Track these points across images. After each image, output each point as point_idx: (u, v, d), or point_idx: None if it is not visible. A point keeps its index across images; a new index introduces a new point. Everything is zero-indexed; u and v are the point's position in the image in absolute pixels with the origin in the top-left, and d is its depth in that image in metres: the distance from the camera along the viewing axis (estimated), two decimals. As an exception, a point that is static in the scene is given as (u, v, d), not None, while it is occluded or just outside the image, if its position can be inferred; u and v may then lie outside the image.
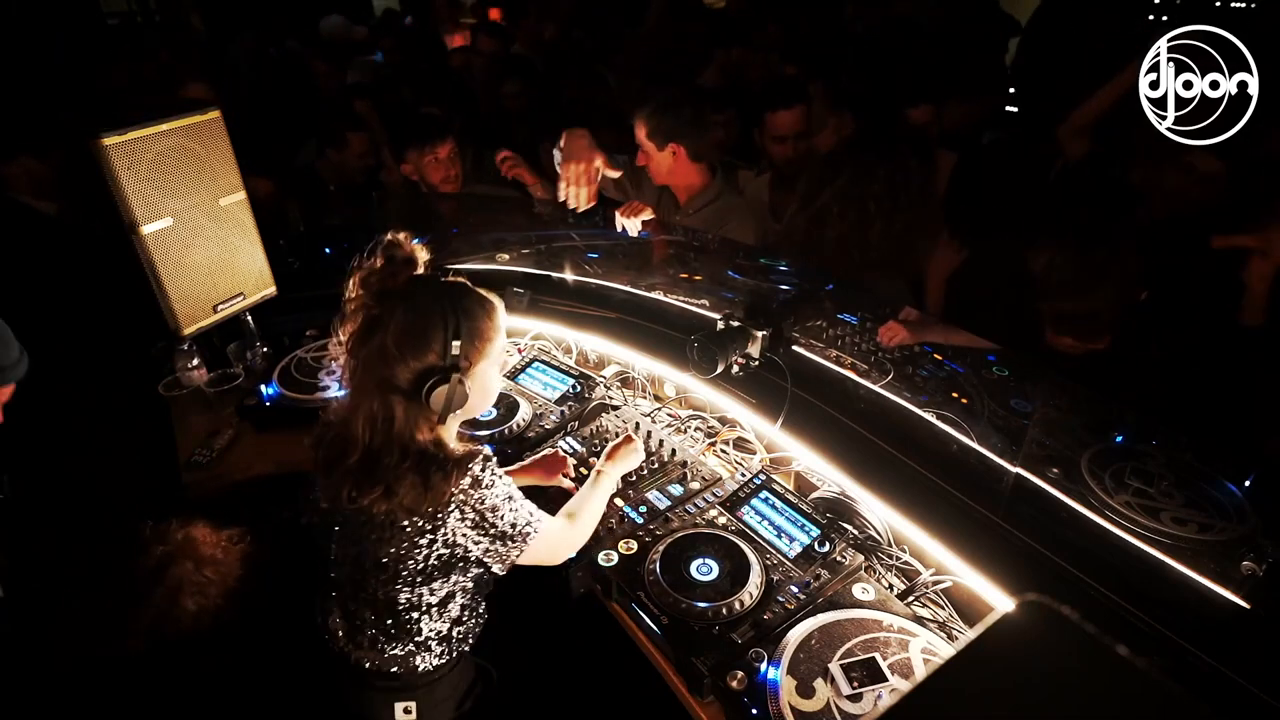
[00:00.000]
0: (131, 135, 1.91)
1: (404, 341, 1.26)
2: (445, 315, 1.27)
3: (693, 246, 2.64)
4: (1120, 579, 1.28)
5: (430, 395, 1.26)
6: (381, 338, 1.26)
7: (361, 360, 1.29)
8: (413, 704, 1.43)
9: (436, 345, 1.27)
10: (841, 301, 2.19)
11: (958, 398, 1.77)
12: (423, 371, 1.27)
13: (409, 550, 1.30)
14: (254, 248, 2.31)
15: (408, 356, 1.26)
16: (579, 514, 1.56)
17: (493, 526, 1.33)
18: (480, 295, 1.36)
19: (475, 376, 1.33)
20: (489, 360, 1.35)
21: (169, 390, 2.26)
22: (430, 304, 1.28)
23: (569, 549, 1.53)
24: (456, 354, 1.27)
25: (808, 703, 1.25)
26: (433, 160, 2.99)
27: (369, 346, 1.27)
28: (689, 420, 2.08)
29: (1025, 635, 0.45)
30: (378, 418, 1.28)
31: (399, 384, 1.27)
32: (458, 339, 1.27)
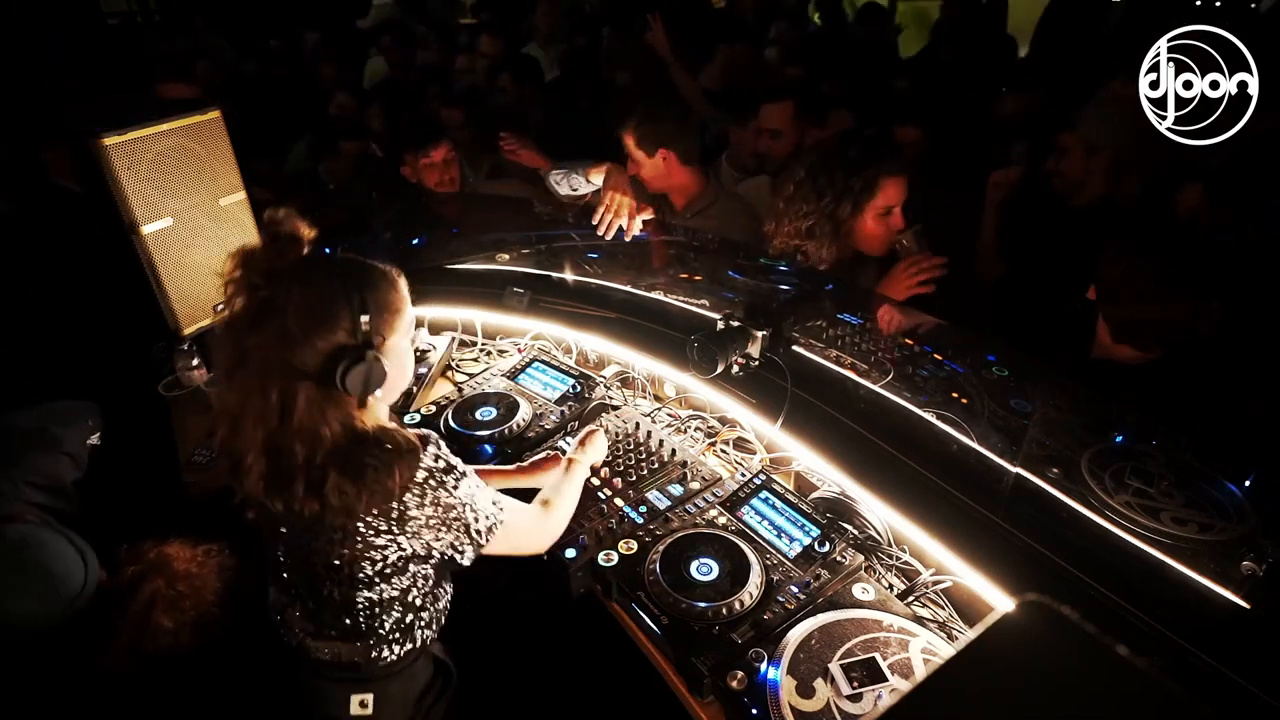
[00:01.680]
0: (131, 135, 1.91)
1: (307, 322, 1.14)
2: (349, 289, 1.17)
3: (693, 246, 2.65)
4: (1120, 579, 1.28)
5: (346, 377, 1.15)
6: (280, 320, 1.14)
7: (253, 347, 1.16)
8: (369, 696, 1.38)
9: (345, 322, 1.16)
10: (841, 301, 2.19)
11: (958, 398, 1.77)
12: (331, 353, 1.16)
13: (364, 551, 1.23)
14: (254, 248, 2.30)
15: (313, 337, 1.15)
16: (554, 502, 1.54)
17: (457, 520, 1.27)
18: (378, 266, 1.25)
19: (389, 351, 1.24)
20: (400, 333, 1.27)
21: (169, 390, 2.25)
22: (329, 279, 1.18)
23: (547, 537, 1.51)
24: (368, 329, 1.18)
25: (808, 703, 1.25)
26: (428, 164, 3.00)
27: (263, 332, 1.15)
28: (689, 420, 2.08)
29: (1025, 635, 0.46)
30: (274, 410, 1.16)
31: (304, 368, 1.15)
32: (365, 313, 1.17)
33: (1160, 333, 1.78)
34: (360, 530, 1.22)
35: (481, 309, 2.52)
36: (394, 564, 1.28)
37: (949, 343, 2.00)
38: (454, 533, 1.29)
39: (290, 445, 1.17)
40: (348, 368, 1.15)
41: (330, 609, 1.33)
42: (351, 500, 1.18)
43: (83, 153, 1.87)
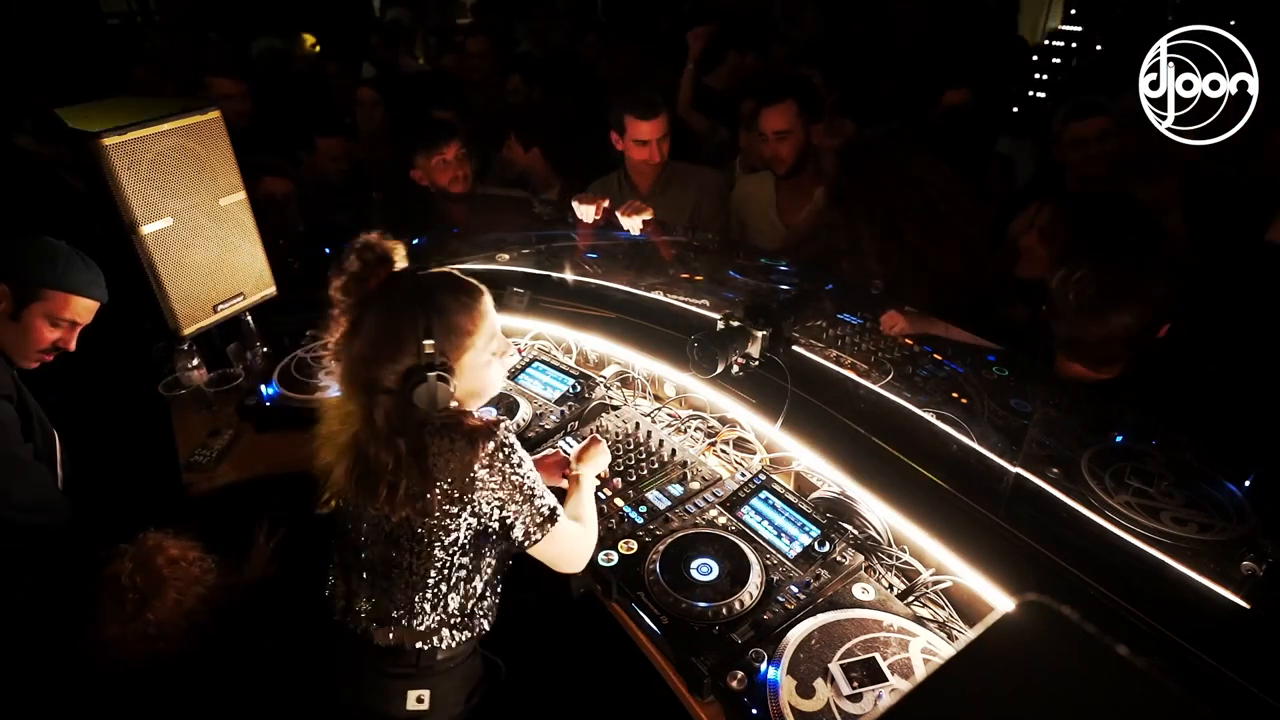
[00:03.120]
0: (131, 135, 1.91)
1: (378, 346, 1.28)
2: (416, 316, 1.28)
3: (693, 246, 2.65)
4: (1120, 579, 1.28)
5: (413, 395, 1.27)
6: (359, 344, 1.30)
7: (345, 364, 1.33)
8: (426, 692, 1.44)
9: (410, 346, 1.27)
10: (841, 301, 2.19)
11: (958, 398, 1.77)
12: (404, 373, 1.28)
13: (439, 523, 1.32)
14: (254, 248, 2.30)
15: (385, 360, 1.28)
16: (582, 518, 1.57)
17: (521, 497, 1.35)
18: (459, 288, 1.35)
19: (463, 369, 1.33)
20: (475, 351, 1.35)
21: (169, 390, 2.25)
22: (401, 304, 1.30)
23: (586, 551, 1.53)
24: (431, 353, 1.28)
25: (808, 703, 1.25)
26: (440, 162, 2.99)
27: (350, 352, 1.31)
28: (689, 420, 2.08)
29: (1025, 635, 0.45)
30: (360, 418, 1.31)
31: (384, 385, 1.29)
32: (429, 338, 1.27)
33: (1103, 350, 1.69)
34: (437, 503, 1.31)
35: (481, 309, 2.51)
36: (463, 543, 1.36)
37: (949, 343, 2.00)
38: (517, 507, 1.35)
39: (375, 451, 1.30)
40: (412, 386, 1.26)
41: (400, 590, 1.39)
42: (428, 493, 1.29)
43: (83, 152, 1.88)
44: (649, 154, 2.81)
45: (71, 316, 1.77)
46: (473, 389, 1.39)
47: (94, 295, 1.79)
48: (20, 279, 1.70)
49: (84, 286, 1.76)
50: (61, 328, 1.76)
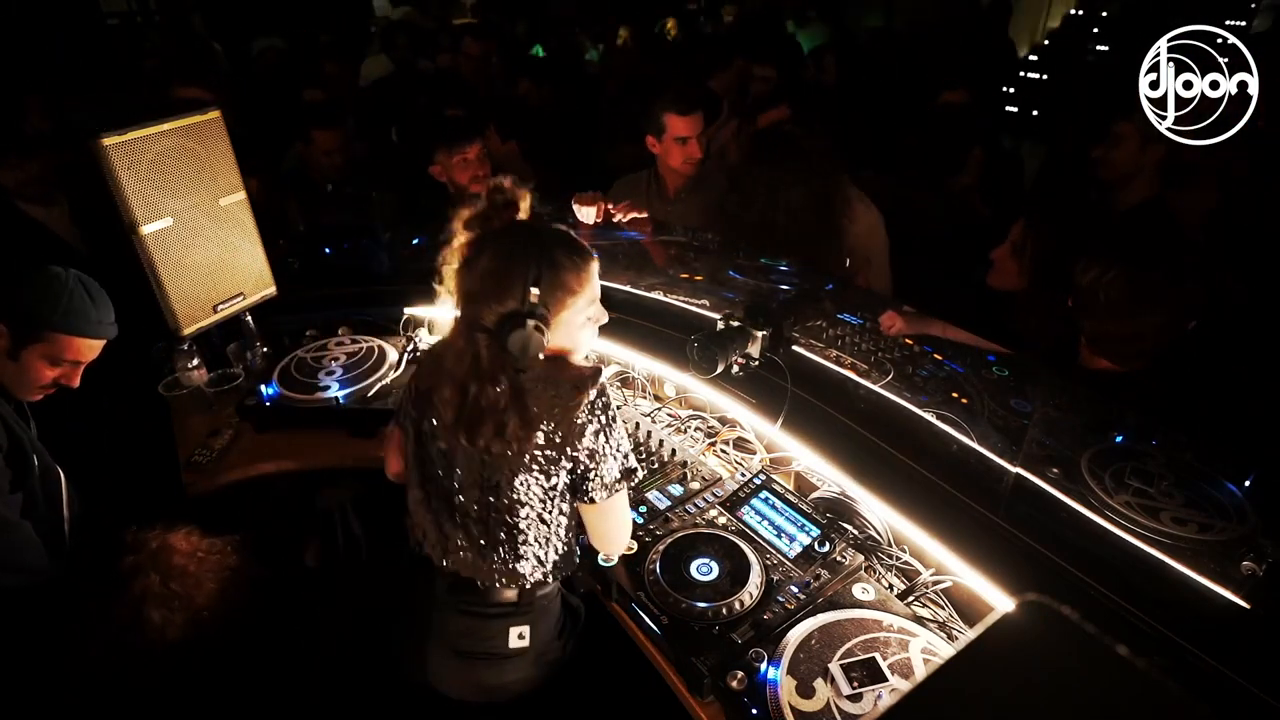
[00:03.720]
0: (131, 135, 1.91)
1: (487, 285, 1.29)
2: (529, 262, 1.29)
3: (693, 246, 2.65)
4: (1120, 579, 1.28)
5: (508, 339, 1.27)
6: (471, 279, 1.31)
7: (457, 298, 1.35)
8: (526, 628, 1.47)
9: (516, 291, 1.28)
10: (841, 301, 2.19)
11: (958, 398, 1.77)
12: (505, 316, 1.28)
13: (539, 467, 1.35)
14: (254, 248, 2.31)
15: (490, 300, 1.29)
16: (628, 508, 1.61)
17: (612, 450, 1.37)
18: (573, 247, 1.36)
19: (559, 325, 1.35)
20: (573, 311, 1.36)
21: (169, 390, 2.25)
22: (516, 250, 1.31)
23: (626, 536, 1.54)
24: (535, 302, 1.28)
25: (808, 703, 1.25)
26: (461, 161, 2.97)
27: (462, 287, 1.33)
28: (689, 420, 2.08)
29: (1025, 635, 0.45)
30: (466, 354, 1.33)
31: (485, 324, 1.30)
32: (537, 287, 1.28)
33: (1132, 346, 1.72)
34: (539, 447, 1.33)
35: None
36: (562, 489, 1.39)
37: (949, 343, 2.00)
38: (604, 460, 1.37)
39: (479, 388, 1.32)
40: (509, 330, 1.27)
41: (502, 535, 1.41)
42: (534, 426, 1.31)
43: (67, 163, 1.87)
44: (690, 152, 2.71)
45: (74, 357, 1.68)
46: (564, 346, 1.40)
47: (99, 335, 1.69)
48: (19, 319, 1.60)
49: (88, 328, 1.66)
50: (63, 367, 1.68)
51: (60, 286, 1.63)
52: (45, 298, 1.61)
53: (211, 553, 1.54)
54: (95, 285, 1.70)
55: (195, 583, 1.47)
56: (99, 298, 1.69)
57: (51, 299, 1.61)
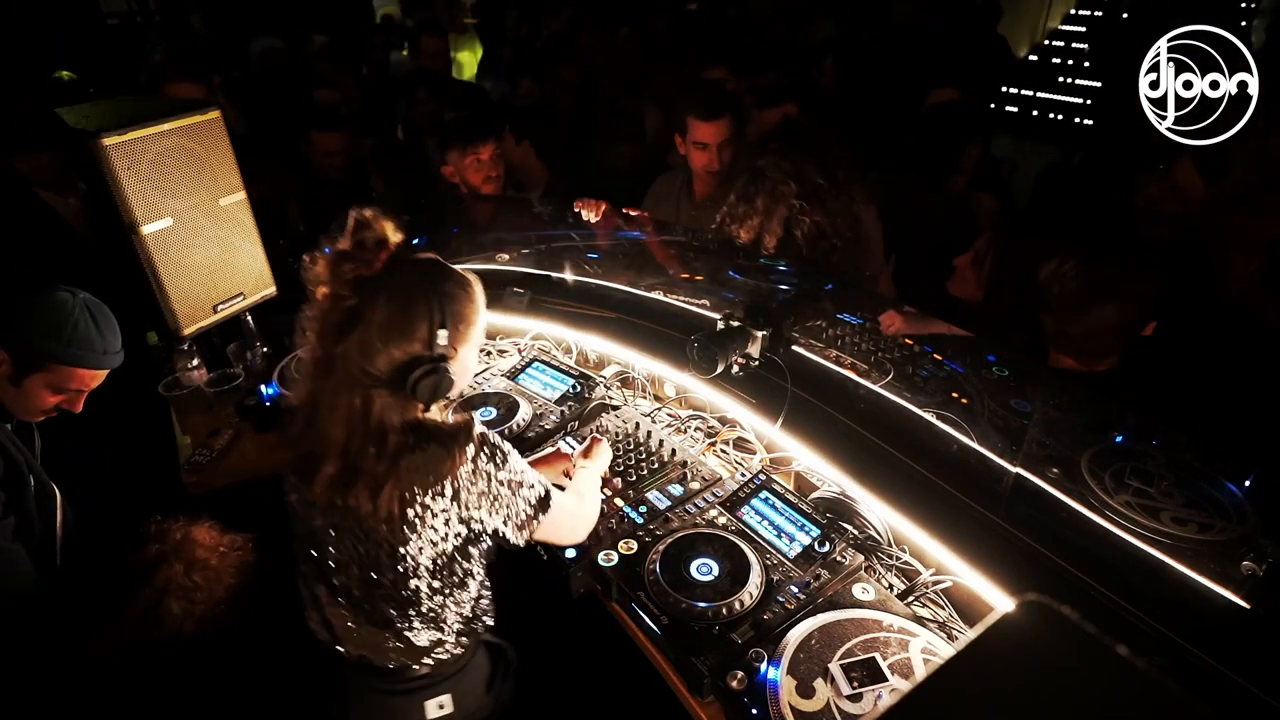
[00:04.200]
0: (131, 135, 1.91)
1: (388, 333, 1.20)
2: (429, 302, 1.21)
3: (693, 246, 2.65)
4: (1120, 579, 1.28)
5: (417, 387, 1.20)
6: (363, 331, 1.20)
7: (339, 355, 1.22)
8: (447, 697, 1.40)
9: (421, 334, 1.21)
10: (841, 301, 2.19)
11: (958, 398, 1.77)
12: (406, 362, 1.20)
13: (423, 535, 1.26)
14: (254, 248, 2.31)
15: (391, 348, 1.20)
16: (584, 493, 1.56)
17: (509, 495, 1.30)
18: (459, 275, 1.30)
19: (459, 361, 1.28)
20: (471, 343, 1.31)
21: (169, 390, 2.26)
22: (412, 291, 1.22)
23: (585, 525, 1.52)
24: (444, 343, 1.22)
25: (808, 703, 1.25)
26: (474, 161, 2.95)
27: (348, 340, 1.21)
28: (689, 420, 2.08)
29: (1025, 635, 0.45)
30: (358, 413, 1.22)
31: (379, 375, 1.21)
32: (444, 327, 1.22)
33: (1091, 344, 1.72)
34: (421, 516, 1.24)
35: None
36: (456, 547, 1.30)
37: (949, 343, 2.00)
38: (507, 508, 1.31)
39: (364, 448, 1.22)
40: (420, 378, 1.20)
41: (394, 604, 1.33)
42: (411, 493, 1.22)
43: (76, 158, 1.86)
44: (709, 159, 2.61)
45: (77, 386, 1.64)
46: (460, 380, 1.33)
47: (103, 366, 1.64)
48: (22, 347, 1.55)
49: (92, 359, 1.60)
50: (66, 394, 1.64)
51: (65, 316, 1.57)
52: (50, 328, 1.56)
53: (233, 548, 1.51)
54: (103, 311, 1.64)
55: (216, 576, 1.44)
56: (105, 325, 1.63)
57: (55, 329, 1.56)
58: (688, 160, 2.73)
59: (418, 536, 1.26)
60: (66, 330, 1.56)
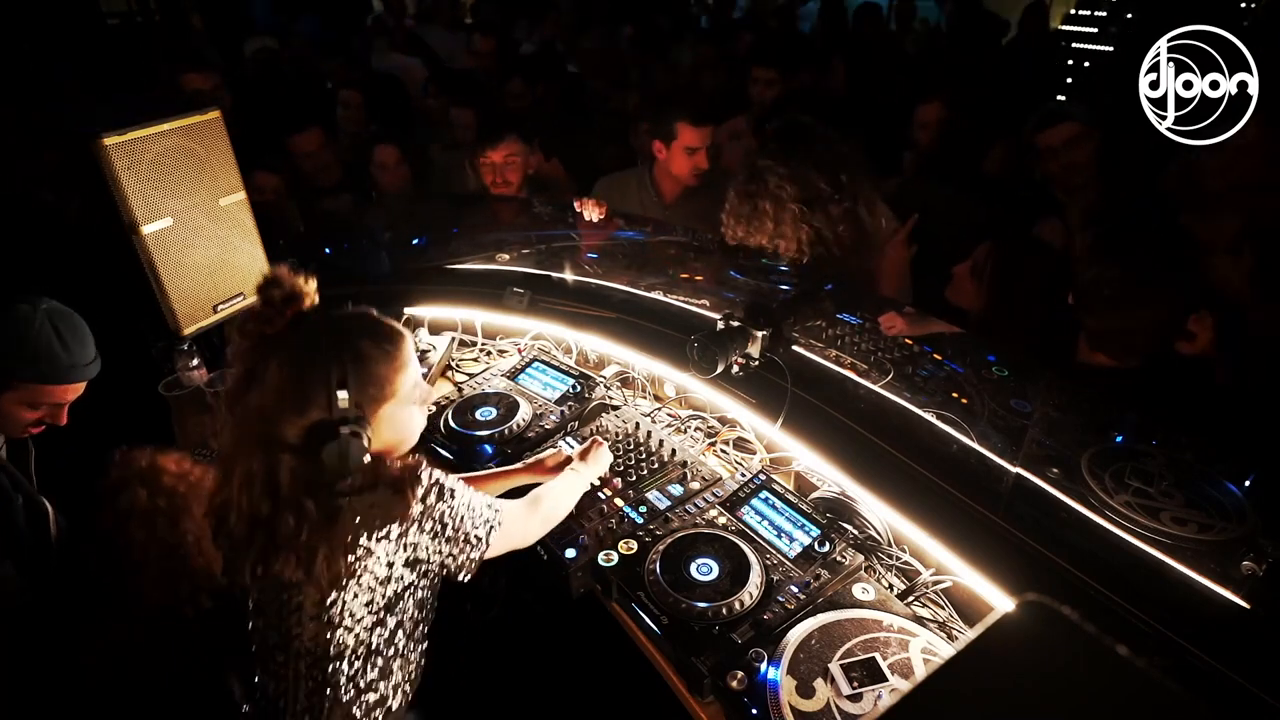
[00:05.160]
0: (131, 135, 1.91)
1: (281, 398, 1.13)
2: (329, 365, 1.14)
3: (693, 246, 2.65)
4: (1120, 579, 1.28)
5: (322, 453, 1.13)
6: (258, 394, 1.14)
7: (237, 418, 1.17)
8: None
9: (320, 398, 1.13)
10: (841, 301, 2.19)
11: (958, 398, 1.77)
12: (310, 428, 1.14)
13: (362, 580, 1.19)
14: (254, 248, 2.30)
15: (288, 414, 1.13)
16: (543, 498, 1.53)
17: (457, 532, 1.26)
18: (380, 332, 1.22)
19: (380, 422, 1.21)
20: (395, 402, 1.22)
21: (169, 390, 2.25)
22: (310, 353, 1.15)
23: (533, 534, 1.50)
24: (344, 404, 1.14)
25: (808, 703, 1.25)
26: (486, 164, 2.96)
27: (244, 403, 1.16)
28: (689, 420, 2.08)
29: (1025, 635, 0.45)
30: (258, 480, 1.14)
31: (286, 440, 1.14)
32: (344, 388, 1.14)
33: (1129, 341, 1.74)
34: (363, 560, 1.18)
35: (481, 309, 2.52)
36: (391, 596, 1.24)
37: (949, 343, 2.00)
38: (457, 544, 1.27)
39: (279, 516, 1.14)
40: (320, 444, 1.13)
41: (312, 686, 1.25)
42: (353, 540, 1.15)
43: (72, 157, 1.86)
44: (698, 162, 2.67)
45: (51, 401, 1.55)
46: (391, 442, 1.27)
47: (73, 380, 1.54)
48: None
49: (59, 374, 1.51)
50: (42, 409, 1.56)
51: (25, 330, 1.47)
52: (8, 347, 1.46)
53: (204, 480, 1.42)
54: (71, 321, 1.55)
55: (183, 504, 1.37)
56: (72, 337, 1.53)
57: (15, 346, 1.46)
58: (664, 163, 2.76)
59: (355, 581, 1.19)
60: (28, 347, 1.48)
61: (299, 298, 1.17)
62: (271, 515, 1.14)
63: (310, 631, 1.21)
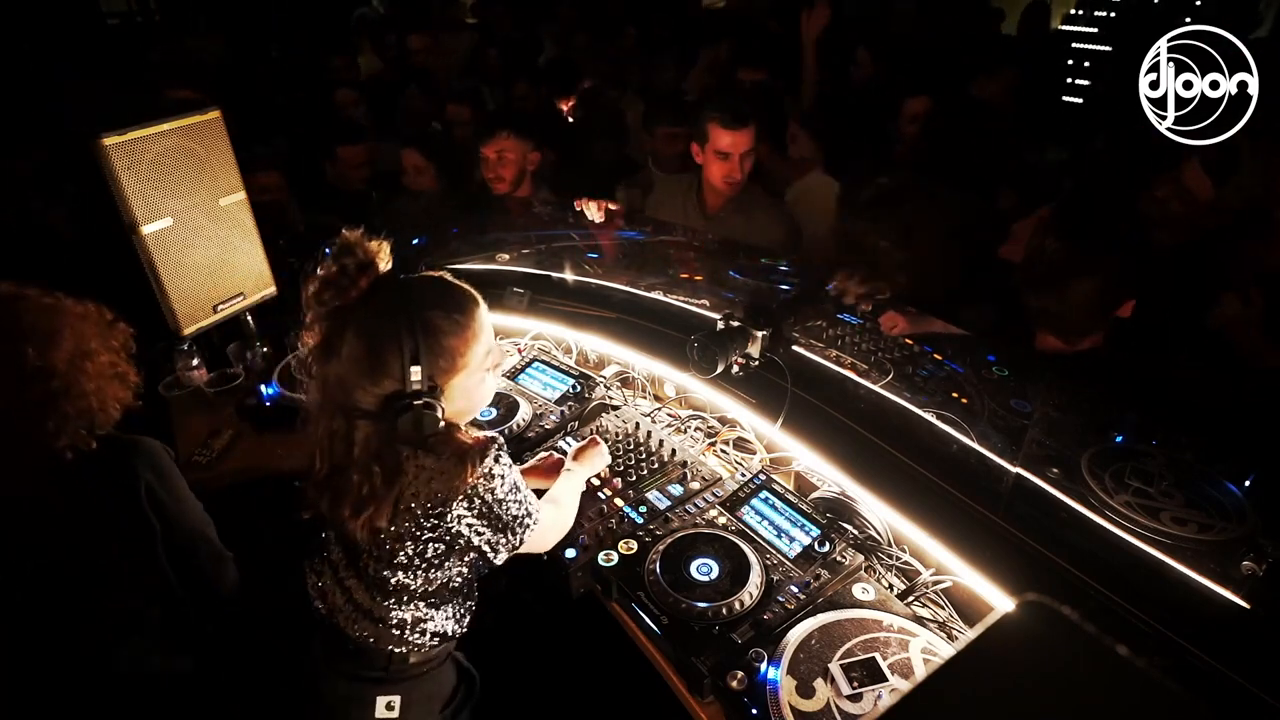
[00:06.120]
0: (131, 135, 1.91)
1: (357, 369, 1.17)
2: (401, 337, 1.16)
3: (693, 246, 2.65)
4: (1120, 579, 1.28)
5: (397, 423, 1.17)
6: (335, 365, 1.18)
7: (321, 382, 1.21)
8: (396, 698, 1.36)
9: (394, 371, 1.16)
10: (841, 301, 2.19)
11: (958, 398, 1.77)
12: (386, 397, 1.18)
13: (407, 533, 1.25)
14: (254, 248, 2.31)
15: (365, 384, 1.17)
16: (561, 500, 1.59)
17: (498, 519, 1.29)
18: (451, 301, 1.24)
19: (453, 391, 1.25)
20: (466, 373, 1.25)
21: (169, 390, 2.26)
22: (385, 324, 1.17)
23: (556, 535, 1.55)
24: (417, 379, 1.16)
25: (808, 703, 1.25)
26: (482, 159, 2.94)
27: (325, 370, 1.20)
28: (689, 420, 2.08)
29: (1025, 635, 0.45)
30: (337, 436, 1.21)
31: (363, 407, 1.19)
32: (417, 364, 1.16)
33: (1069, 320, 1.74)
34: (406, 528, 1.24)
35: (481, 309, 2.52)
36: (435, 552, 1.29)
37: (949, 343, 2.00)
38: (492, 530, 1.30)
39: (349, 469, 1.21)
40: (395, 415, 1.17)
41: (371, 592, 1.33)
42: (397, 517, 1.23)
43: (61, 160, 1.86)
44: (730, 169, 2.53)
45: None
46: (463, 408, 1.31)
47: None
48: None
49: None
50: None
51: None
52: None
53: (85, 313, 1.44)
54: None
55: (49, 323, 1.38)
56: None
57: None
58: (705, 169, 2.63)
59: (403, 544, 1.26)
60: None
61: (373, 265, 1.19)
62: (344, 469, 1.22)
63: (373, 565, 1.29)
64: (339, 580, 1.38)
